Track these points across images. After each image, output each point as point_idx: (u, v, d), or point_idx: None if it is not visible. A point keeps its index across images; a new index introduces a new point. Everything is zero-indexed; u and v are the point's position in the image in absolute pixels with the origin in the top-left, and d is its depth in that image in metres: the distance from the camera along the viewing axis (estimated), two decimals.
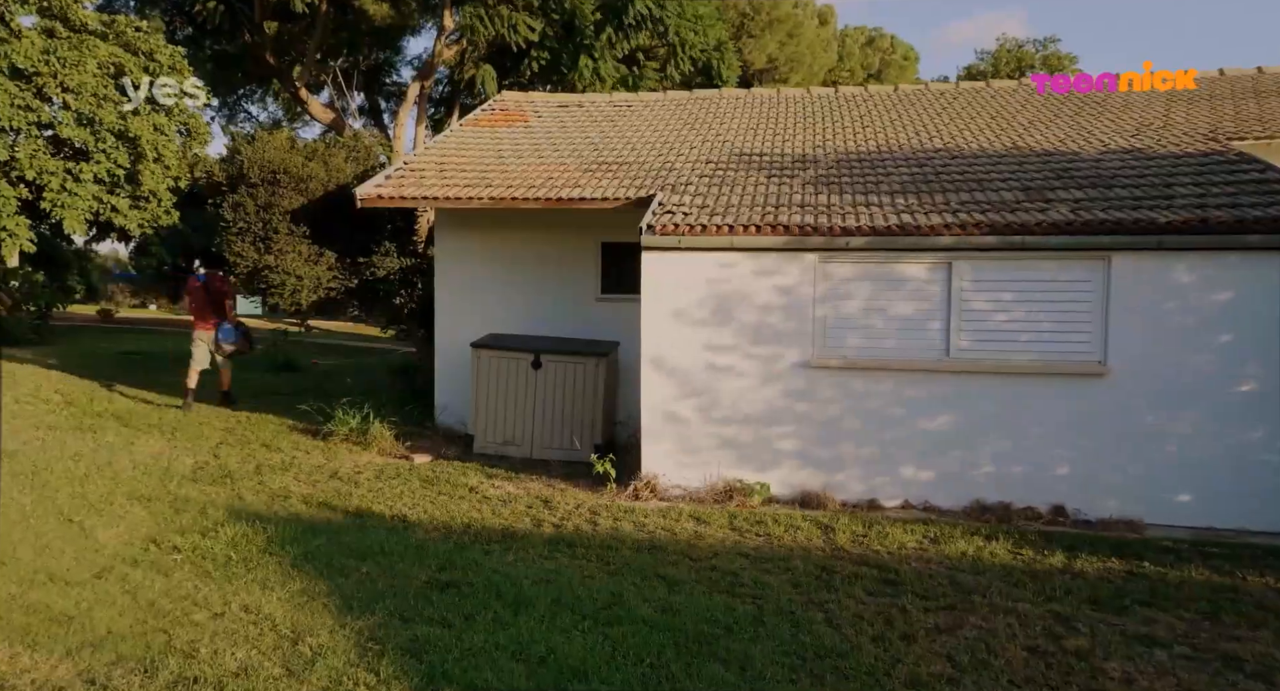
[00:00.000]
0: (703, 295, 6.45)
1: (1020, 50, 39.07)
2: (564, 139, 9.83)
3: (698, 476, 6.45)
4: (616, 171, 8.41)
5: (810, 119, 10.13)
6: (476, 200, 7.84)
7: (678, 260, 6.45)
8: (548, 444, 8.08)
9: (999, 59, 35.39)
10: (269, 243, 8.36)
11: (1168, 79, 5.49)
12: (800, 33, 35.31)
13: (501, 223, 9.01)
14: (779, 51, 33.78)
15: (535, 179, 8.28)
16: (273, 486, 6.44)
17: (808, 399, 6.29)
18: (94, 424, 8.16)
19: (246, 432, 8.39)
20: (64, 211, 13.17)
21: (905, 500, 6.11)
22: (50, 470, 6.38)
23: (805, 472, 6.30)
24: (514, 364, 8.14)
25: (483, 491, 6.58)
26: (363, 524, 5.51)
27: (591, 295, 9.07)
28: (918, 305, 6.12)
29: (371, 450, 8.00)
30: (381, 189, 8.03)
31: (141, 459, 7.03)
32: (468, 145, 9.65)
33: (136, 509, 5.62)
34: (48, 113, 12.98)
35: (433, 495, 6.40)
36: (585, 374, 8.03)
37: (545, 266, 9.08)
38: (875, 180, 7.41)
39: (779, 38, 34.32)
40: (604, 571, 4.64)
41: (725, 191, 7.40)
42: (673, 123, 10.37)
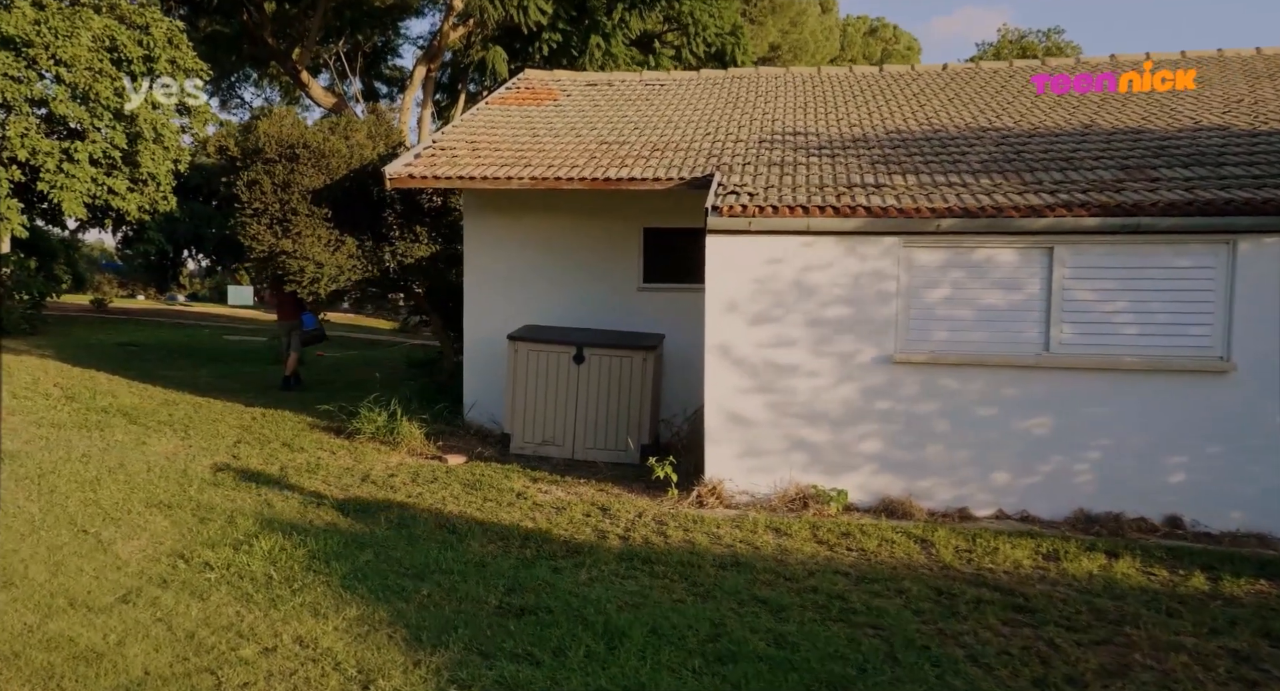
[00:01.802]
0: (772, 283, 5.96)
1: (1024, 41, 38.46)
2: (600, 118, 9.29)
3: (767, 481, 5.98)
4: (664, 151, 7.89)
5: (858, 98, 9.61)
6: (517, 180, 7.31)
7: (746, 245, 5.96)
8: (591, 444, 7.59)
9: (1001, 50, 34.89)
10: (287, 225, 7.80)
11: (1168, 79, 5.25)
12: (803, 21, 34.90)
13: (536, 206, 8.49)
14: (782, 39, 33.33)
15: (577, 159, 7.75)
16: (302, 491, 5.95)
17: (889, 397, 5.82)
18: (100, 421, 7.64)
19: (264, 430, 7.88)
20: (62, 193, 12.57)
21: (999, 509, 5.65)
22: (58, 473, 5.87)
23: (885, 478, 5.83)
24: (554, 358, 7.65)
25: (531, 497, 6.10)
26: (410, 535, 5.03)
27: (633, 284, 8.57)
28: (1014, 295, 5.64)
29: (400, 450, 7.50)
30: (413, 168, 7.49)
31: (155, 460, 6.52)
32: (498, 124, 9.10)
33: (157, 518, 5.12)
34: (40, 87, 12.37)
35: (478, 501, 5.92)
36: (632, 369, 7.54)
37: (583, 254, 8.57)
38: (950, 159, 6.91)
39: (781, 25, 33.91)
40: (693, 594, 4.17)
41: (788, 172, 6.89)
42: (713, 102, 9.84)
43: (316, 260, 7.99)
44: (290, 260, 7.87)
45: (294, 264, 7.90)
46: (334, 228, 8.16)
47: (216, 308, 29.89)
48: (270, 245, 7.82)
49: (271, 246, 7.82)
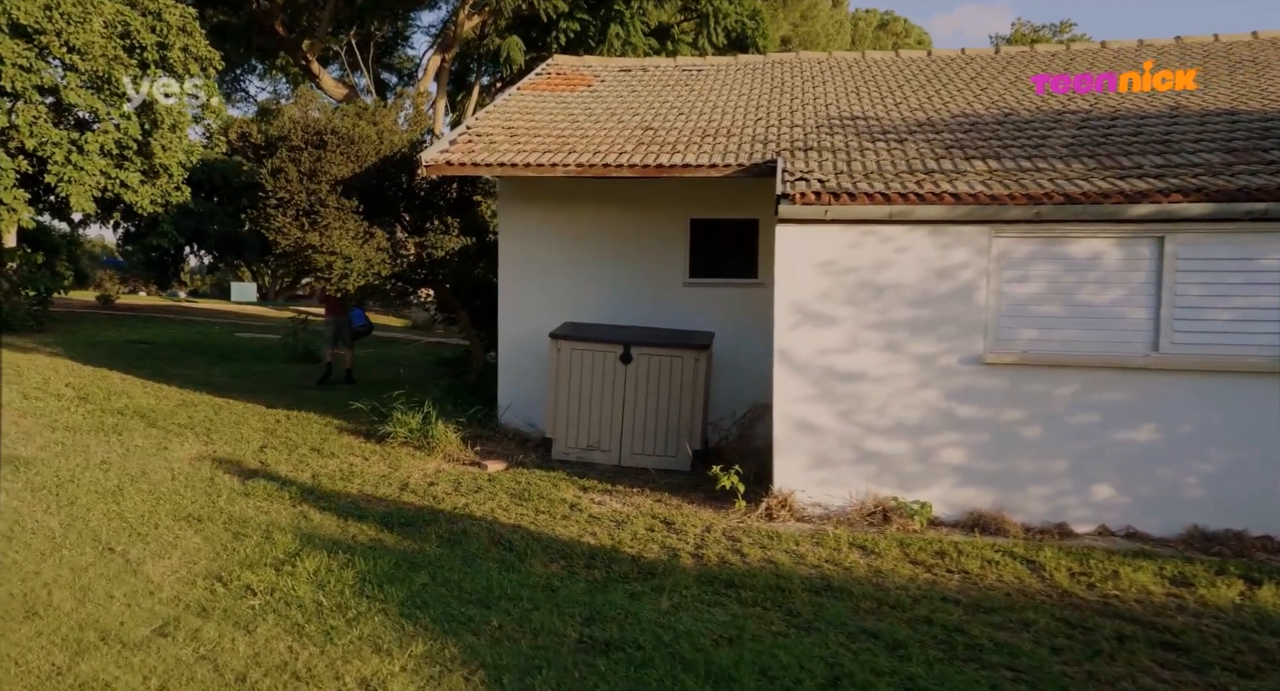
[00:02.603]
0: (846, 278, 5.52)
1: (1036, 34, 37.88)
2: (640, 103, 8.86)
3: (841, 493, 5.55)
4: (714, 137, 7.46)
5: (911, 82, 9.16)
6: (561, 168, 6.89)
7: (820, 235, 5.52)
8: (639, 449, 7.18)
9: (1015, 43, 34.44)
10: (314, 217, 7.38)
11: (1167, 79, 5.04)
12: (815, 14, 34.66)
13: (575, 195, 8.07)
14: (793, 33, 33.02)
15: (624, 145, 7.33)
16: (339, 501, 5.55)
17: (975, 402, 5.39)
18: (117, 424, 7.26)
19: (290, 434, 7.49)
20: (70, 187, 12.20)
21: (1101, 524, 5.22)
22: (76, 482, 5.48)
23: (971, 490, 5.40)
24: (599, 357, 7.23)
25: (585, 508, 5.68)
26: (465, 553, 4.62)
27: (678, 279, 8.14)
28: (1116, 290, 5.20)
29: (436, 456, 7.10)
30: (449, 154, 7.08)
31: (179, 467, 6.14)
32: (533, 109, 8.68)
33: (187, 533, 4.73)
34: (50, 75, 11.98)
35: (529, 514, 5.51)
36: (683, 369, 7.12)
37: (625, 246, 8.15)
38: (1031, 144, 6.46)
39: (793, 19, 33.67)
40: (792, 625, 3.75)
41: (854, 157, 6.46)
42: (757, 87, 9.40)
43: (345, 254, 7.58)
44: (318, 255, 7.46)
45: (321, 259, 7.49)
46: (363, 219, 7.74)
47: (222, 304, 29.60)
48: (297, 238, 7.42)
49: (298, 240, 7.41)
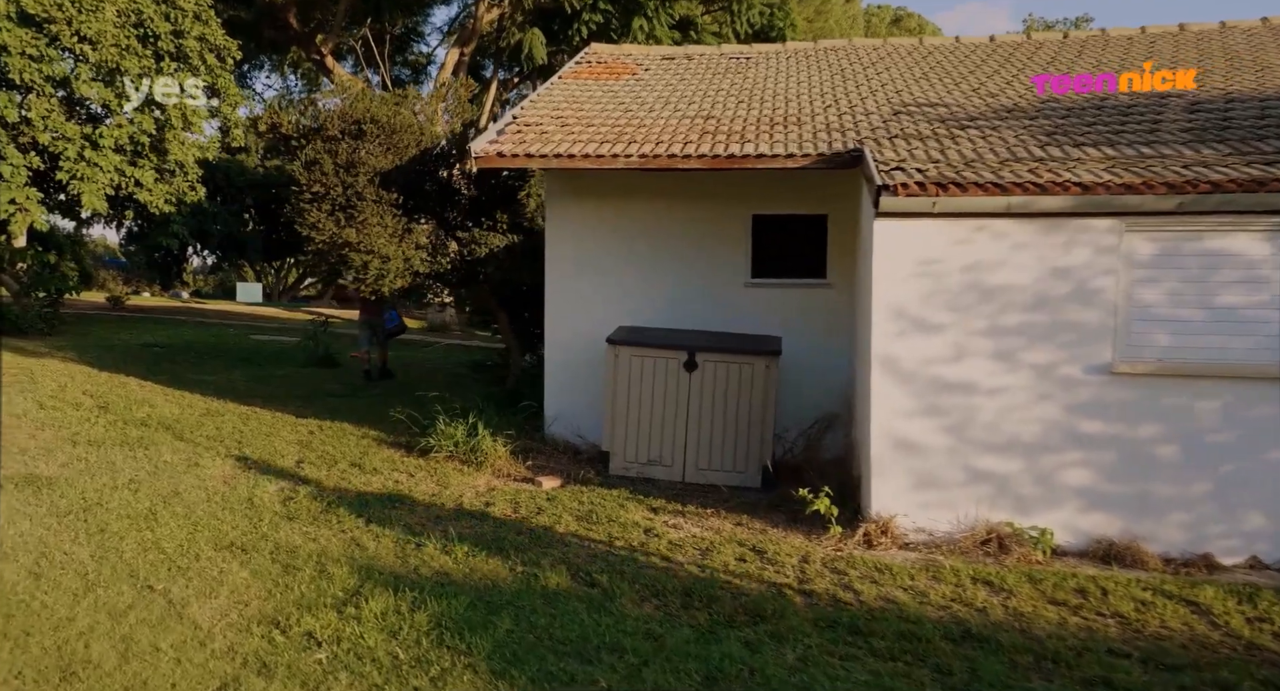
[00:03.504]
0: (952, 279, 5.02)
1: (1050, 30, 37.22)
2: (693, 91, 8.38)
3: (947, 518, 5.05)
4: (783, 125, 6.97)
5: (981, 67, 8.64)
6: (623, 159, 6.41)
7: (925, 231, 5.02)
8: (705, 464, 6.70)
9: None
10: (351, 212, 6.92)
11: (1168, 79, 4.83)
12: (829, 10, 34.41)
13: (628, 190, 7.58)
14: (807, 28, 32.76)
15: (688, 134, 6.85)
16: (392, 525, 5.08)
17: (1102, 417, 4.88)
18: (142, 437, 6.81)
19: (326, 446, 7.03)
20: (82, 185, 11.81)
21: (1252, 556, 4.70)
22: (105, 505, 5.03)
23: (1098, 515, 4.89)
24: (662, 364, 6.75)
25: (661, 533, 5.20)
26: (544, 590, 4.15)
27: (739, 279, 7.64)
28: (1269, 290, 4.69)
29: (485, 471, 6.63)
30: (500, 145, 6.61)
31: (214, 485, 5.68)
32: (580, 99, 8.21)
33: (232, 566, 4.27)
34: (62, 66, 11.58)
35: (602, 539, 5.02)
36: (754, 377, 6.63)
37: (682, 244, 7.65)
38: (1144, 129, 5.95)
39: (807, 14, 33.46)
40: (945, 686, 3.26)
41: (949, 145, 5.96)
42: (814, 74, 8.91)
43: (382, 253, 7.12)
44: (354, 253, 6.99)
45: (357, 257, 7.03)
46: (401, 215, 7.28)
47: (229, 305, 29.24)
48: (331, 235, 6.95)
49: (333, 236, 6.94)
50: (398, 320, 11.52)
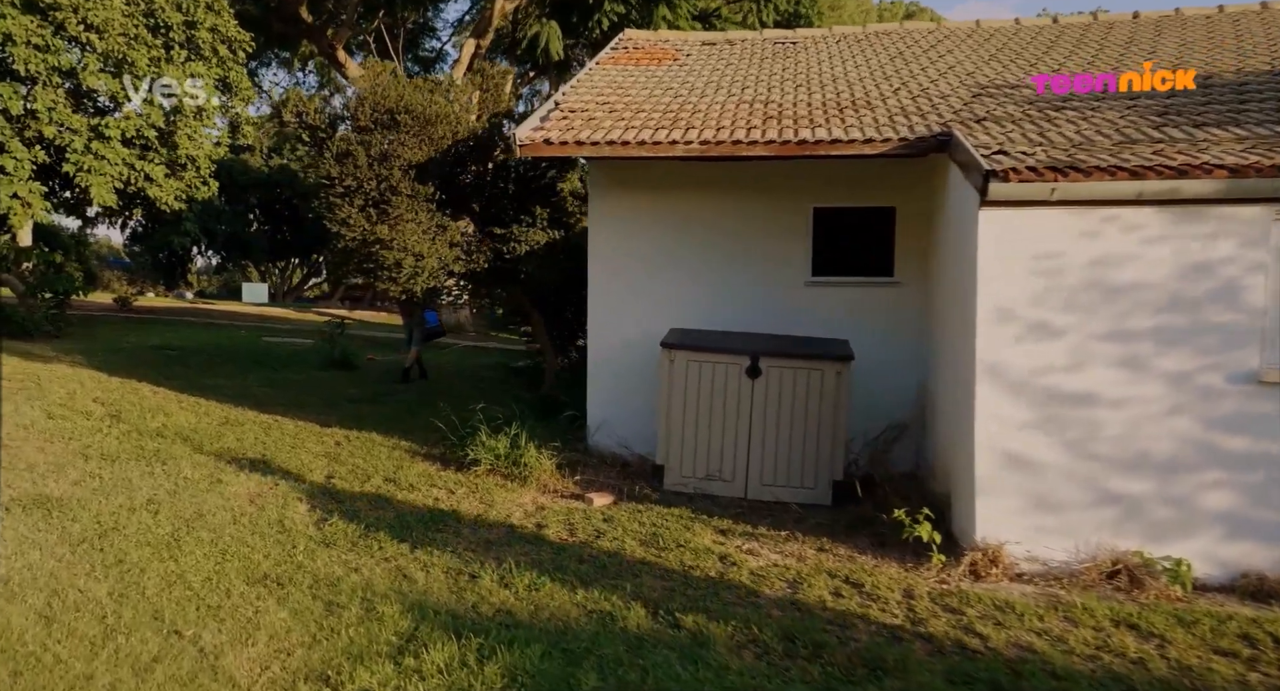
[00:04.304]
0: (1068, 277, 4.51)
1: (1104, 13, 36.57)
2: (744, 76, 7.88)
3: (1065, 546, 4.54)
4: (855, 109, 6.47)
5: (1055, 48, 8.11)
6: (681, 145, 5.92)
7: (1041, 222, 4.51)
8: (769, 479, 6.19)
9: None
10: (385, 208, 6.44)
11: (1168, 79, 4.60)
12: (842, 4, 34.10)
13: (678, 181, 7.08)
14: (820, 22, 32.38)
15: (749, 119, 6.35)
16: (439, 551, 4.60)
17: (1249, 432, 4.36)
18: (158, 449, 6.35)
19: (357, 460, 6.55)
20: (90, 177, 11.39)
21: None
22: (123, 531, 4.56)
23: (1244, 544, 4.37)
24: (720, 371, 6.25)
25: (738, 560, 4.70)
26: (625, 633, 3.65)
27: (798, 277, 7.13)
28: None
29: (530, 487, 6.15)
30: (546, 132, 6.12)
31: (239, 506, 5.21)
32: (623, 84, 7.72)
33: (268, 604, 3.79)
34: (68, 57, 11.17)
35: (675, 569, 4.52)
36: (822, 384, 6.12)
37: (736, 240, 7.14)
38: (1273, 107, 5.40)
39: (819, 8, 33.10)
40: None
41: (1048, 127, 5.44)
42: (872, 57, 8.39)
43: (416, 251, 6.63)
44: (386, 251, 6.51)
45: (389, 256, 6.54)
46: (436, 210, 6.79)
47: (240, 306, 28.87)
48: (363, 231, 6.47)
49: (365, 233, 6.46)
50: (436, 321, 11.40)
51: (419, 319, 10.91)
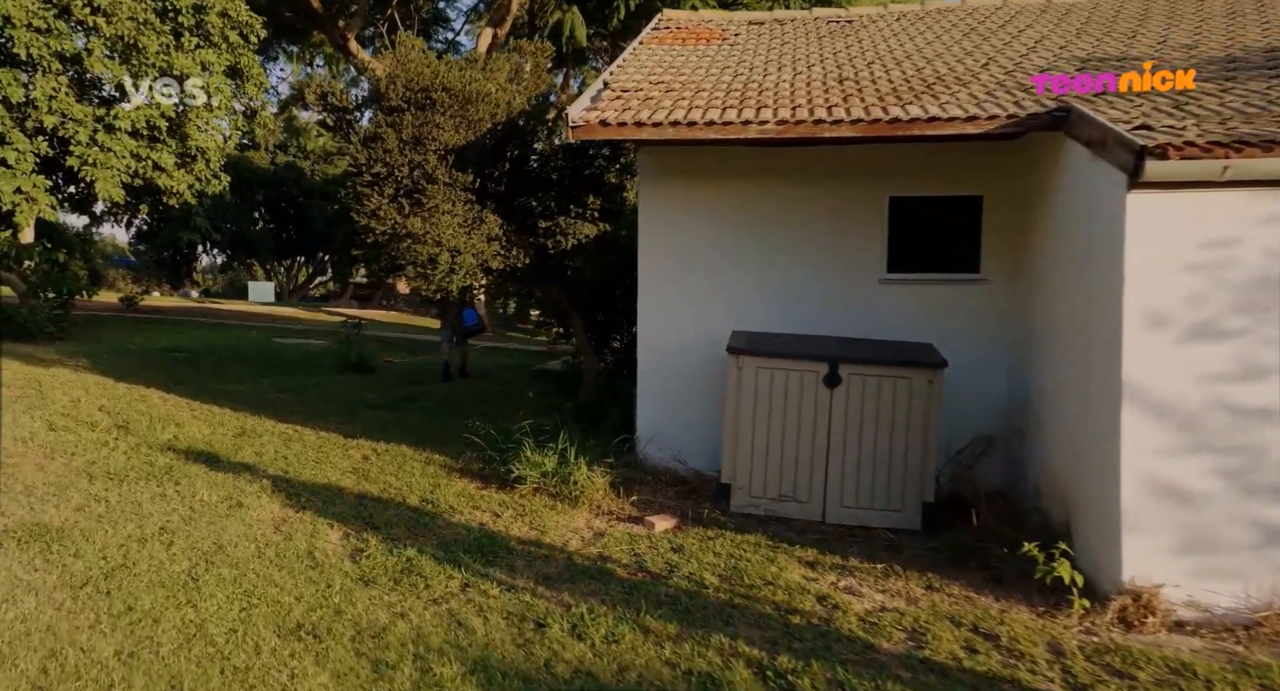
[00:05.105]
0: (1242, 269, 3.87)
1: None
2: (807, 54, 7.26)
3: (1231, 591, 3.90)
4: (948, 85, 5.84)
5: (1151, 18, 7.43)
6: (755, 125, 5.30)
7: (1209, 205, 3.88)
8: (850, 500, 5.58)
9: None
10: (418, 198, 5.85)
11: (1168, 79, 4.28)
12: None
13: (740, 168, 6.46)
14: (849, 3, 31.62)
15: (827, 97, 5.73)
16: (495, 589, 4.02)
17: None
18: (170, 466, 5.79)
19: (388, 476, 5.98)
20: (96, 171, 10.86)
21: None
22: (132, 567, 3.99)
23: None
24: (795, 379, 5.64)
25: (840, 603, 4.09)
26: None
27: (872, 274, 6.49)
28: None
29: (582, 508, 5.56)
30: (601, 113, 5.52)
31: (263, 533, 4.64)
32: (674, 63, 7.11)
33: (305, 662, 3.21)
34: (72, 42, 10.64)
35: (772, 616, 3.92)
36: (912, 394, 5.50)
37: (802, 233, 6.52)
38: None
39: None
40: None
41: (1183, 100, 4.80)
42: (943, 34, 7.75)
43: (452, 246, 6.04)
44: (419, 246, 5.91)
45: (424, 251, 5.95)
46: (475, 200, 6.20)
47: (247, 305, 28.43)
48: (394, 224, 5.88)
49: (396, 226, 5.87)
50: (475, 318, 11.28)
51: (456, 317, 10.75)
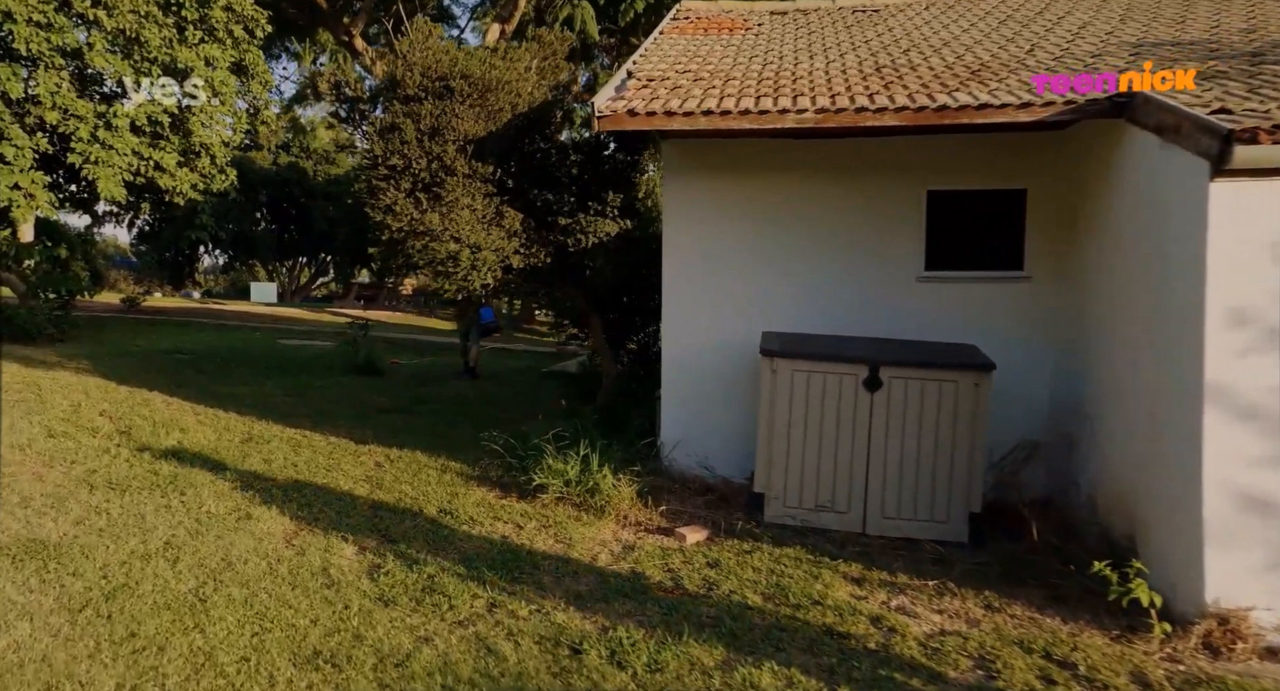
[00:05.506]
0: None
1: None
2: (839, 43, 7.00)
3: None
4: (994, 71, 5.56)
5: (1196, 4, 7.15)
6: (794, 114, 5.03)
7: None
8: (892, 511, 5.30)
9: None
10: (436, 192, 5.58)
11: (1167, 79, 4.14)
12: None
13: (769, 163, 6.19)
14: None
15: (867, 84, 5.46)
16: (524, 608, 3.76)
17: None
18: (174, 475, 5.53)
19: (402, 485, 5.72)
20: (98, 169, 10.63)
21: None
22: (135, 588, 3.73)
23: None
24: (834, 383, 5.36)
25: (896, 624, 3.82)
26: None
27: (908, 272, 6.22)
28: None
29: (608, 518, 5.29)
30: (628, 102, 5.25)
31: (274, 548, 4.38)
32: (699, 52, 6.85)
33: None
34: (73, 36, 10.42)
35: (824, 642, 3.65)
36: (958, 398, 5.22)
37: (834, 230, 6.25)
38: None
39: None
40: None
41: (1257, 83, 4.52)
42: (979, 21, 7.47)
43: (472, 242, 5.78)
44: (437, 244, 5.65)
45: (443, 248, 5.68)
46: (494, 194, 5.94)
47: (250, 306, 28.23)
48: (411, 220, 5.61)
49: (413, 222, 5.61)
50: (491, 315, 11.37)
51: (473, 316, 10.77)
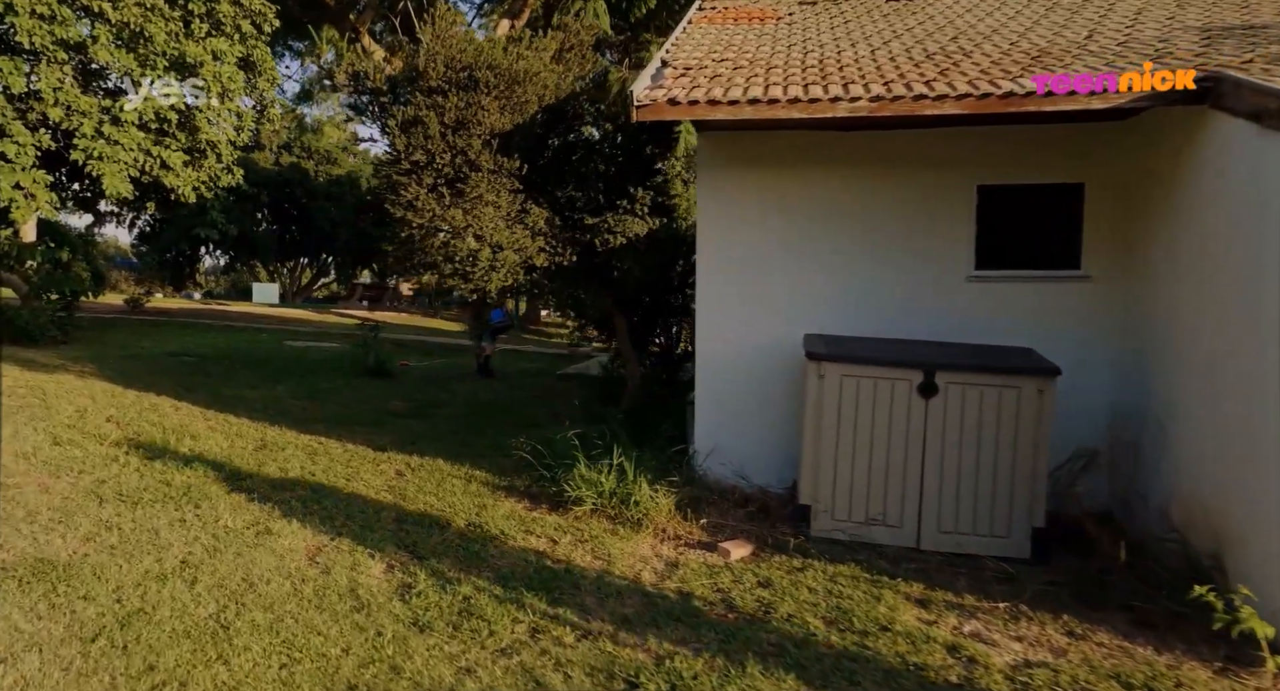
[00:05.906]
0: None
1: None
2: (882, 30, 6.73)
3: None
4: (1059, 58, 5.29)
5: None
6: (846, 102, 4.76)
7: None
8: (949, 524, 5.02)
9: None
10: (459, 188, 5.32)
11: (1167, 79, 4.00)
12: None
13: (809, 157, 5.92)
14: None
15: (921, 71, 5.19)
16: (570, 638, 3.50)
17: None
18: (188, 485, 5.27)
19: (427, 496, 5.45)
20: (102, 165, 10.40)
21: None
22: (151, 614, 3.47)
23: None
24: (885, 388, 5.09)
25: (971, 652, 3.54)
26: None
27: (958, 271, 5.94)
28: None
29: (645, 532, 5.02)
30: (667, 91, 4.98)
31: (298, 566, 4.12)
32: (736, 42, 6.59)
33: None
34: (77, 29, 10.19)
35: (903, 674, 3.39)
36: (1019, 405, 4.94)
37: (877, 227, 5.97)
38: None
39: None
40: None
41: None
42: (1024, 8, 7.20)
43: (494, 241, 5.52)
44: (458, 241, 5.39)
45: (463, 246, 5.42)
46: (520, 190, 5.68)
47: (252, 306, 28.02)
48: (432, 216, 5.35)
49: (434, 218, 5.35)
50: (502, 315, 11.36)
51: (485, 317, 10.79)
